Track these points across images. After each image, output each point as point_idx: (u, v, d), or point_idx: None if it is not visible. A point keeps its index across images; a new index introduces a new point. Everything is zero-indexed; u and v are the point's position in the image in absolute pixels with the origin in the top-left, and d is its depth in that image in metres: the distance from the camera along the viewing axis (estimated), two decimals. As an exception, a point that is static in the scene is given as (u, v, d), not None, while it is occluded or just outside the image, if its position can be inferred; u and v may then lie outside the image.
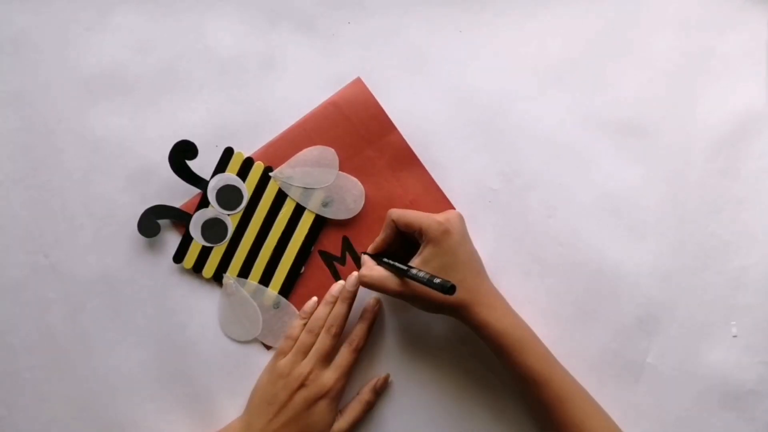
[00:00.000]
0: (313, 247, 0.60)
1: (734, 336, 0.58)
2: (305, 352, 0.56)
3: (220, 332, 0.59)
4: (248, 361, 0.59)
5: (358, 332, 0.57)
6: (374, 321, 0.58)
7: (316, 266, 0.60)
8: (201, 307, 0.59)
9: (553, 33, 0.60)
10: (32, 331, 0.59)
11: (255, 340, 0.59)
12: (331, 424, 0.55)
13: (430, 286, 0.47)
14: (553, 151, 0.60)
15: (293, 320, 0.59)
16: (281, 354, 0.56)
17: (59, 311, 0.59)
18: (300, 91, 0.60)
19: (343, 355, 0.56)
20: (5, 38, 0.60)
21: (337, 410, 0.56)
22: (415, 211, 0.55)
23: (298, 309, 0.59)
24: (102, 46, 0.60)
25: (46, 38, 0.60)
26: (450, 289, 0.45)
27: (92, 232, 0.59)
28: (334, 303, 0.57)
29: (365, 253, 0.58)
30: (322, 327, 0.56)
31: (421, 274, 0.49)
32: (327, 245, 0.60)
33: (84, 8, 0.60)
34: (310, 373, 0.54)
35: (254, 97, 0.60)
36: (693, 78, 0.60)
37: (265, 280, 0.59)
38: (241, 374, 0.59)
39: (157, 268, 0.59)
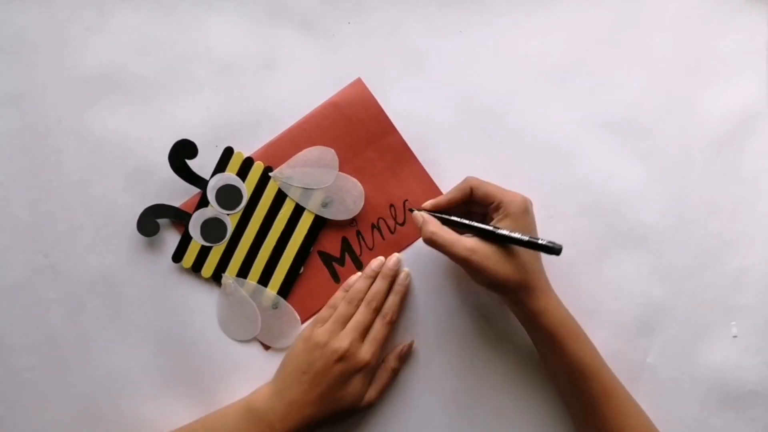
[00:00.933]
0: (312, 248, 0.60)
1: (734, 336, 0.58)
2: (343, 323, 0.56)
3: (220, 332, 0.59)
4: (248, 361, 0.59)
5: (391, 305, 0.57)
6: (406, 294, 0.58)
7: (315, 267, 0.60)
8: (201, 306, 0.59)
9: (553, 33, 0.60)
10: (32, 331, 0.59)
11: (254, 340, 0.59)
12: (363, 396, 0.55)
13: (532, 247, 0.47)
14: (553, 151, 0.60)
15: (292, 321, 0.59)
16: (319, 322, 0.56)
17: (59, 311, 0.59)
18: (300, 91, 0.60)
19: (378, 329, 0.56)
20: (5, 38, 0.60)
21: (369, 383, 0.56)
22: (495, 185, 0.55)
23: (297, 310, 0.59)
24: (102, 46, 0.60)
25: (45, 38, 0.60)
26: (558, 250, 0.45)
27: (92, 232, 0.59)
28: (374, 277, 0.58)
29: (421, 209, 0.56)
30: (362, 300, 0.57)
31: (516, 234, 0.48)
32: (326, 246, 0.60)
33: (84, 8, 0.60)
34: (348, 347, 0.54)
35: (254, 97, 0.60)
36: (693, 78, 0.60)
37: (264, 280, 0.59)
38: (241, 374, 0.59)
39: (157, 268, 0.59)
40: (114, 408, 0.59)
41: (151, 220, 0.58)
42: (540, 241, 0.46)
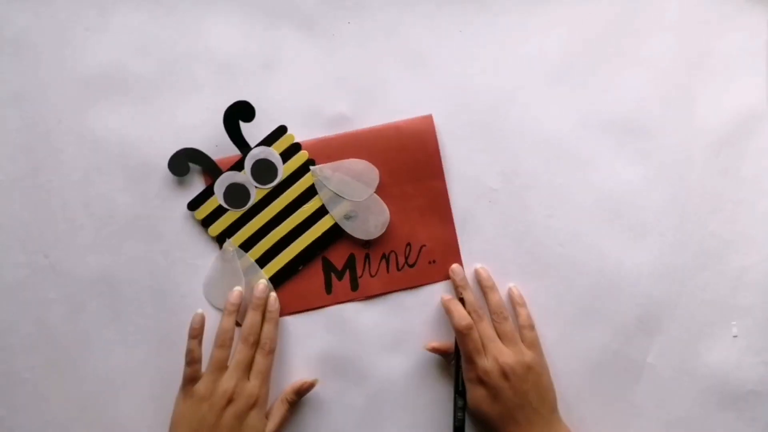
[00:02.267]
0: (319, 252, 0.60)
1: (734, 336, 0.58)
2: (222, 368, 0.54)
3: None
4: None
5: (267, 334, 0.56)
6: (278, 317, 0.57)
7: (314, 271, 0.59)
8: (201, 307, 0.59)
9: (554, 33, 0.60)
10: (32, 331, 0.59)
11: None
12: (263, 431, 0.54)
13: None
14: (553, 151, 0.60)
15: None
16: (191, 380, 0.54)
17: (59, 311, 0.59)
18: (300, 91, 0.60)
19: (261, 361, 0.55)
20: (5, 38, 0.60)
21: (265, 416, 0.55)
22: (473, 346, 0.54)
23: (282, 305, 0.59)
24: (102, 46, 0.60)
25: (46, 38, 0.60)
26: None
27: (92, 232, 0.59)
28: (236, 312, 0.56)
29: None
30: (231, 339, 0.55)
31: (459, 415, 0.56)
32: (333, 255, 0.60)
33: (84, 8, 0.60)
34: (234, 387, 0.54)
35: (254, 97, 0.60)
36: (693, 78, 0.60)
37: (263, 262, 0.59)
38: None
39: (158, 268, 0.59)
40: (114, 408, 0.59)
41: (183, 162, 0.58)
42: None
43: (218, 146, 0.59)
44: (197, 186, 0.59)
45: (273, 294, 0.58)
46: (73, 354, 0.59)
